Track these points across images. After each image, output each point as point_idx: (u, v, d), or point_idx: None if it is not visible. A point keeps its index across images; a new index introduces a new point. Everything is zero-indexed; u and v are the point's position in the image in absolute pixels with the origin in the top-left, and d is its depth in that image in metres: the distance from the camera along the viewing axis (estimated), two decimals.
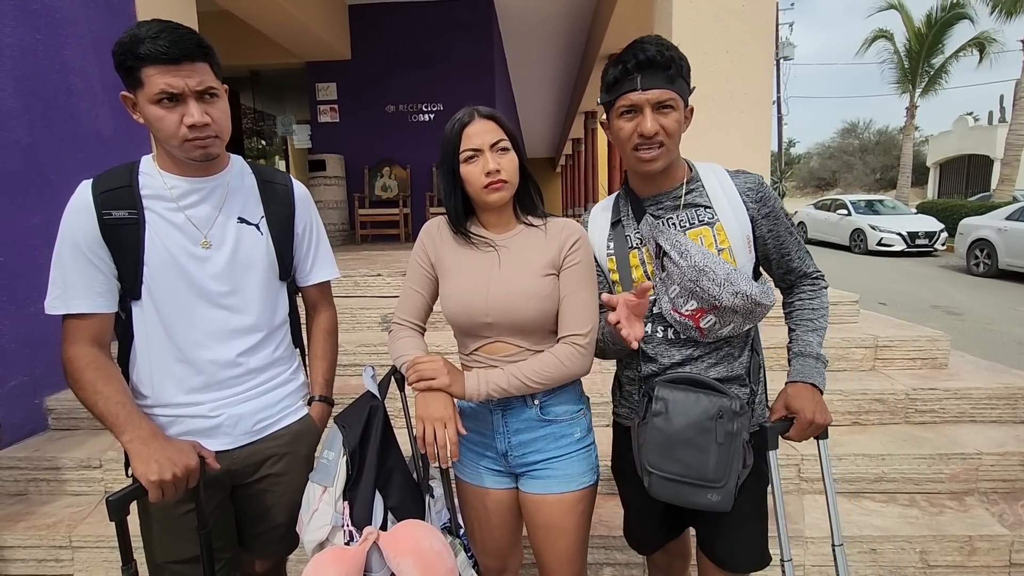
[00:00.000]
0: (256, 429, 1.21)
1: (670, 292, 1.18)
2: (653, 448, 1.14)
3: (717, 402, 1.12)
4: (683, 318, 1.17)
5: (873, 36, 18.85)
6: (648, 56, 1.09)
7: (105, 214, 1.07)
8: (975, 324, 6.11)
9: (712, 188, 1.20)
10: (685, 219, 1.20)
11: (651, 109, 1.11)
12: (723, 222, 1.18)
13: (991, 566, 1.98)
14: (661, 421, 1.13)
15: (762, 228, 1.21)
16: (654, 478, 1.15)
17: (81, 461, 2.29)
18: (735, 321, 1.16)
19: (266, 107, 9.99)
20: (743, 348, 1.25)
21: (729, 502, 1.12)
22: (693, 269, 1.12)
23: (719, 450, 1.10)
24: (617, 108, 1.16)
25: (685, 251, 1.14)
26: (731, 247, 1.17)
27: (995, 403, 2.48)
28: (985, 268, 9.34)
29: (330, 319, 1.40)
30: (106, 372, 1.08)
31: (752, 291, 1.12)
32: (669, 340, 1.22)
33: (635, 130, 1.13)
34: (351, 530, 1.11)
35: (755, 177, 1.22)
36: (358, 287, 3.61)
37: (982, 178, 21.90)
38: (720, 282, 1.11)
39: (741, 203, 1.19)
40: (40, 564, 2.07)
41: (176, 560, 1.16)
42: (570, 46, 9.70)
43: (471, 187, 1.18)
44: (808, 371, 1.21)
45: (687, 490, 1.13)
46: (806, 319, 1.26)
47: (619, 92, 1.14)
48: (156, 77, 1.01)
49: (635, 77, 1.11)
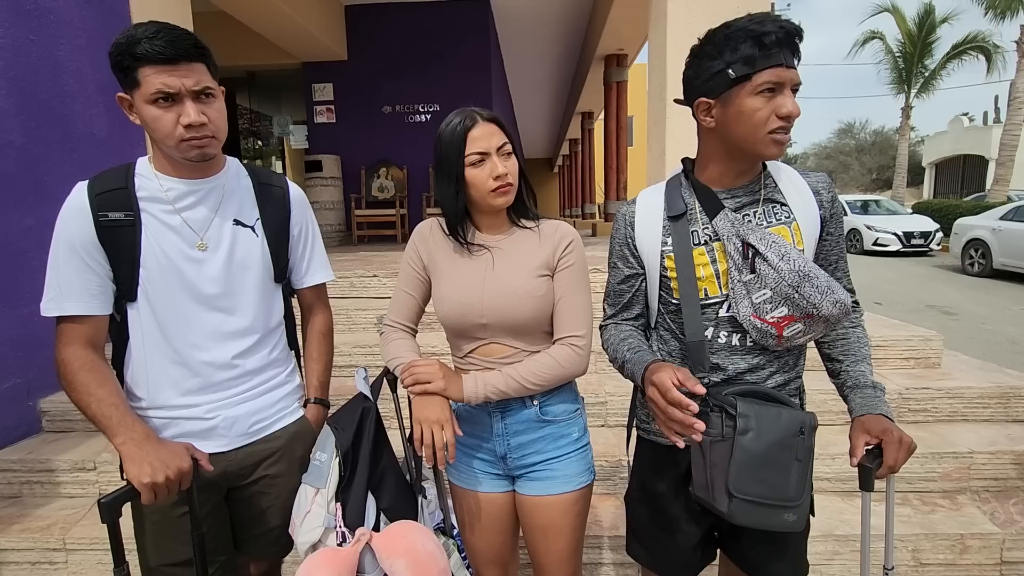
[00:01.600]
0: (252, 431, 1.21)
1: (755, 297, 1.05)
2: (740, 469, 1.00)
3: (798, 417, 1.01)
4: (766, 325, 1.05)
5: (864, 38, 18.94)
6: (790, 31, 0.98)
7: (101, 216, 1.07)
8: (970, 323, 6.14)
9: (786, 185, 1.11)
10: (763, 216, 1.09)
11: (790, 89, 1.01)
12: (800, 222, 1.08)
13: (983, 564, 1.99)
14: (750, 440, 0.99)
15: (827, 229, 1.11)
16: (736, 502, 1.00)
17: (75, 463, 2.28)
18: (817, 331, 1.06)
19: (262, 108, 9.97)
20: (799, 357, 1.16)
21: (803, 521, 1.03)
22: (795, 274, 1.01)
23: (799, 467, 1.00)
24: (757, 85, 1.00)
25: (786, 254, 1.02)
26: (805, 250, 1.08)
27: (987, 402, 2.50)
28: (980, 268, 9.39)
29: (325, 321, 1.40)
30: (100, 374, 1.07)
31: (847, 299, 1.02)
32: (732, 347, 1.11)
33: (774, 111, 1.00)
34: (344, 531, 1.11)
35: (824, 175, 1.13)
36: (354, 288, 3.61)
37: (977, 178, 22.00)
38: (823, 290, 1.00)
39: (815, 202, 1.10)
40: (34, 567, 2.06)
41: (170, 563, 1.16)
42: (567, 47, 9.72)
43: (476, 191, 1.17)
44: (873, 402, 1.09)
45: (766, 512, 1.01)
46: (852, 349, 1.15)
47: (764, 65, 0.99)
48: (153, 77, 1.01)
49: (779, 52, 0.98)
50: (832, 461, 2.23)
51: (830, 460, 2.23)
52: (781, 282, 1.02)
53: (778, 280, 1.02)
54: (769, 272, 1.03)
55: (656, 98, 3.68)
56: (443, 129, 1.18)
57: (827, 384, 1.20)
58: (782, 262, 1.02)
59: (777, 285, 1.03)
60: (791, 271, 1.01)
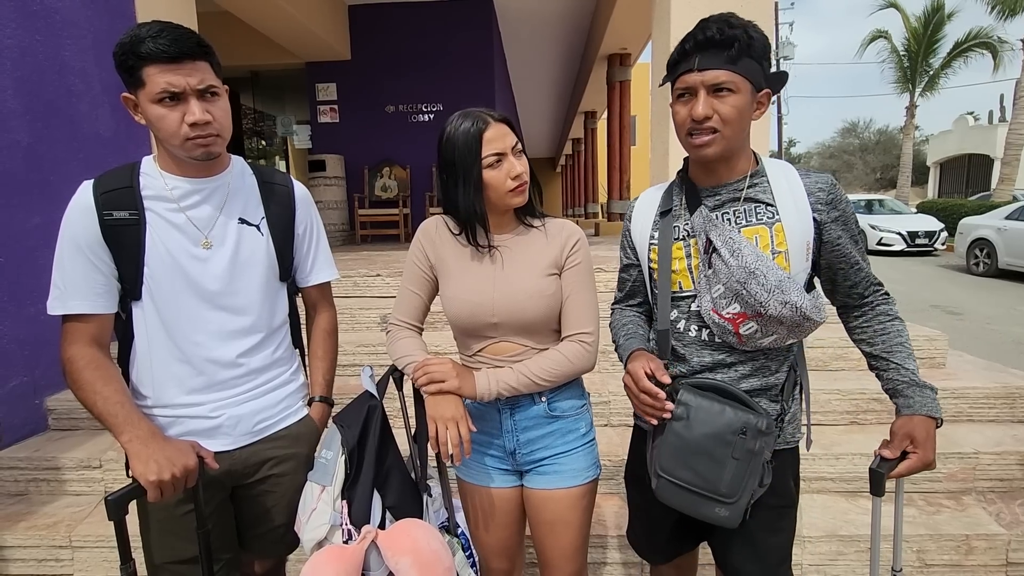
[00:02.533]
0: (256, 430, 1.22)
1: (713, 291, 1.10)
2: (667, 452, 1.08)
3: (743, 418, 1.05)
4: (722, 320, 1.10)
5: (871, 36, 18.87)
6: (707, 36, 1.02)
7: (106, 215, 1.07)
8: (974, 323, 6.12)
9: (778, 185, 1.12)
10: (743, 214, 1.12)
11: (706, 92, 1.03)
12: (785, 223, 1.09)
13: (988, 565, 1.98)
14: (680, 427, 1.06)
15: (830, 233, 1.11)
16: (663, 482, 1.10)
17: (81, 461, 2.29)
18: (779, 333, 1.08)
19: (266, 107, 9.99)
20: (782, 363, 1.16)
21: (737, 519, 1.06)
22: (742, 270, 1.04)
23: (736, 466, 1.05)
24: (676, 90, 1.09)
25: (737, 250, 1.06)
26: (788, 251, 1.08)
27: (993, 402, 2.49)
28: (985, 267, 9.35)
29: (330, 320, 1.40)
30: (105, 372, 1.08)
31: (803, 303, 1.03)
32: (703, 341, 1.15)
33: (689, 114, 1.06)
34: (349, 529, 1.12)
35: (826, 177, 1.13)
36: (357, 287, 3.61)
37: (982, 177, 21.89)
38: (770, 288, 1.03)
39: (808, 205, 1.09)
40: (40, 564, 2.07)
41: (175, 560, 1.17)
42: (570, 46, 9.71)
43: (495, 192, 1.17)
44: (929, 403, 1.10)
45: (695, 500, 1.07)
46: (899, 343, 1.14)
47: (676, 73, 1.07)
48: (157, 76, 1.01)
49: (693, 57, 1.03)
50: (836, 461, 2.22)
51: (834, 460, 2.22)
52: (731, 278, 1.06)
53: (728, 275, 1.07)
54: (722, 267, 1.08)
55: (659, 97, 3.67)
56: (453, 132, 1.16)
57: (829, 384, 1.21)
58: (732, 258, 1.06)
59: (728, 280, 1.07)
60: (739, 267, 1.05)
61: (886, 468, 1.08)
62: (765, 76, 1.07)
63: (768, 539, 1.18)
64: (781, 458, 1.16)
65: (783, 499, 1.19)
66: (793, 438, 1.21)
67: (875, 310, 1.18)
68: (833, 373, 2.67)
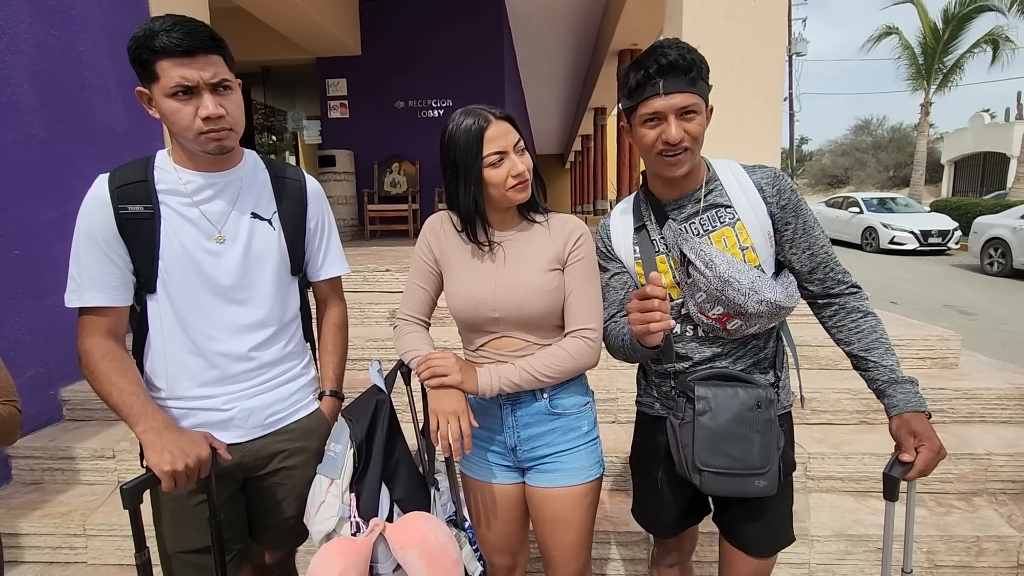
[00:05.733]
0: (268, 423, 1.23)
1: (696, 297, 1.17)
2: (702, 446, 1.14)
3: (753, 393, 1.14)
4: (710, 321, 1.18)
5: (879, 33, 18.59)
6: (670, 60, 1.07)
7: (121, 208, 1.09)
8: (988, 324, 6.04)
9: (730, 186, 1.19)
10: (707, 221, 1.19)
11: (675, 116, 1.09)
12: (743, 220, 1.17)
13: (999, 567, 1.97)
14: (708, 419, 1.14)
15: (781, 222, 1.18)
16: (706, 475, 1.15)
17: (95, 451, 2.33)
18: (760, 323, 1.17)
19: (277, 103, 10.05)
20: (768, 339, 1.26)
21: (775, 485, 1.14)
22: (718, 279, 1.12)
23: (760, 438, 1.13)
24: (640, 115, 1.13)
25: (710, 261, 1.13)
26: (753, 244, 1.17)
27: (1006, 403, 2.46)
28: (999, 267, 9.21)
29: (341, 314, 1.41)
30: (121, 364, 1.09)
31: (776, 297, 1.12)
32: (699, 338, 1.23)
33: (659, 137, 1.11)
34: (358, 521, 1.13)
35: (770, 170, 1.20)
36: (367, 282, 3.63)
37: (998, 176, 21.55)
38: (745, 291, 1.11)
39: (759, 198, 1.17)
40: (54, 551, 2.11)
41: (187, 550, 1.18)
42: (580, 42, 9.66)
43: (495, 189, 1.17)
44: (913, 398, 1.14)
45: (736, 481, 1.14)
46: (876, 339, 1.19)
47: (641, 97, 1.11)
48: (171, 70, 1.02)
49: (657, 82, 1.08)
50: (846, 460, 2.21)
51: (844, 459, 2.21)
52: (709, 286, 1.14)
53: (706, 284, 1.14)
54: (699, 278, 1.15)
55: None
56: (454, 130, 1.16)
57: (839, 384, 1.21)
58: (707, 269, 1.13)
59: (707, 288, 1.15)
60: (714, 276, 1.13)
61: (900, 472, 1.10)
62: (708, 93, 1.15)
63: (771, 504, 1.24)
64: (782, 423, 1.22)
65: (784, 465, 1.24)
66: (788, 402, 1.29)
67: (846, 307, 1.22)
68: (843, 372, 2.66)
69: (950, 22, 16.93)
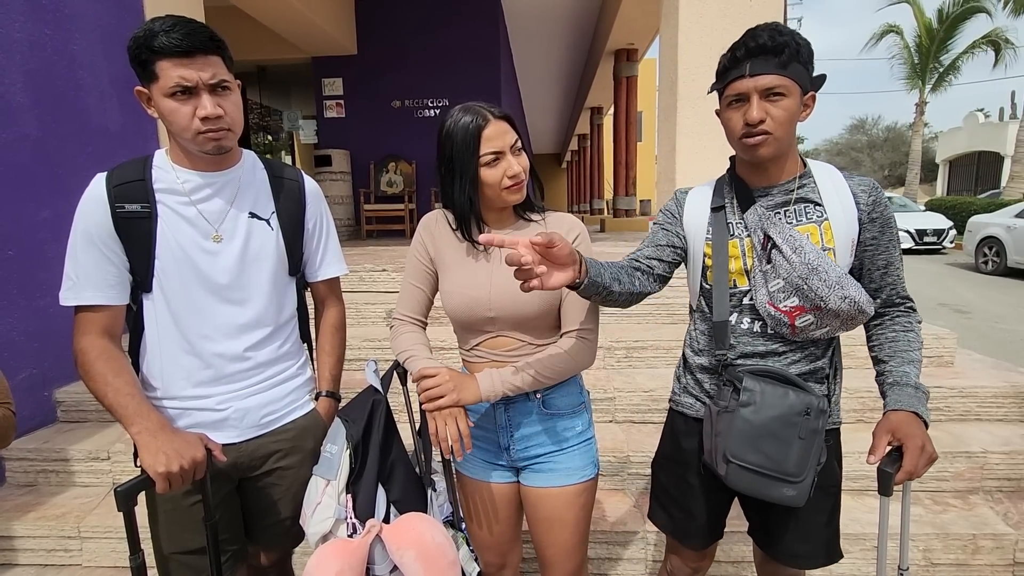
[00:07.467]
0: (263, 423, 1.23)
1: (771, 285, 1.14)
2: (737, 437, 1.11)
3: (805, 399, 1.10)
4: (779, 313, 1.14)
5: (882, 31, 18.67)
6: (759, 43, 1.05)
7: (118, 207, 1.08)
8: (983, 322, 6.07)
9: (824, 185, 1.16)
10: (794, 214, 1.16)
11: (759, 96, 1.07)
12: (832, 221, 1.13)
13: (995, 565, 1.97)
14: (749, 412, 1.11)
15: (867, 233, 1.15)
16: (732, 467, 1.12)
17: (89, 453, 2.32)
18: (832, 325, 1.12)
19: (273, 102, 10.02)
20: (826, 350, 1.21)
21: (804, 498, 1.11)
22: (805, 266, 1.09)
23: (801, 445, 1.10)
24: (726, 97, 1.12)
25: (799, 247, 1.10)
26: (836, 248, 1.13)
27: (1001, 402, 2.47)
28: (994, 266, 9.27)
29: (338, 315, 1.40)
30: (116, 363, 1.09)
31: (861, 298, 1.09)
32: (755, 332, 1.19)
33: (743, 118, 1.10)
34: (354, 523, 1.12)
35: (868, 179, 1.18)
36: (363, 282, 3.62)
37: (992, 175, 21.69)
38: (831, 284, 1.08)
39: (853, 204, 1.14)
40: (49, 554, 2.10)
41: (182, 551, 1.18)
42: (576, 41, 9.67)
43: (490, 189, 1.16)
44: (909, 400, 1.11)
45: (764, 482, 1.11)
46: (902, 350, 1.17)
47: (727, 80, 1.10)
48: (170, 70, 1.02)
49: (744, 64, 1.07)
50: (844, 458, 2.21)
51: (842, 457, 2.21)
52: (792, 273, 1.10)
53: (789, 271, 1.11)
54: (783, 263, 1.12)
55: (667, 93, 3.65)
56: (452, 126, 1.15)
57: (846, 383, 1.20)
58: (794, 254, 1.10)
59: (788, 275, 1.11)
60: (801, 263, 1.09)
61: (894, 467, 1.09)
62: (810, 79, 1.11)
63: (818, 519, 1.22)
64: (828, 439, 1.19)
65: (831, 479, 1.24)
66: (837, 418, 1.25)
67: (895, 320, 1.20)
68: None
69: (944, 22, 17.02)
